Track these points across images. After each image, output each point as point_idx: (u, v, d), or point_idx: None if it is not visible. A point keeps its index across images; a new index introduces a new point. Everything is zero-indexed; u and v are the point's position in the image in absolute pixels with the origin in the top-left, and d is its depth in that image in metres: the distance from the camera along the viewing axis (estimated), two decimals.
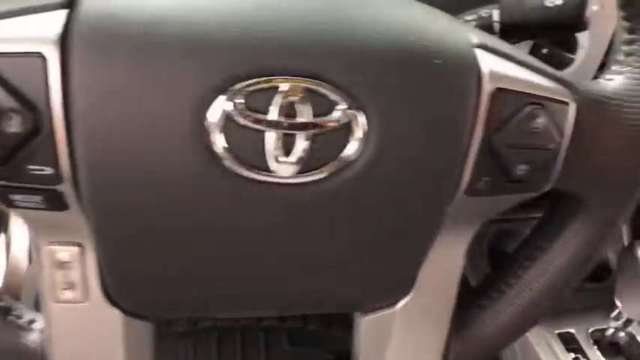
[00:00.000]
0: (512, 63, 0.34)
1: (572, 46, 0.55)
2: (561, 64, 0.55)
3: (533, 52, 0.55)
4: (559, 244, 0.40)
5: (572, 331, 0.72)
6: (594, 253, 0.41)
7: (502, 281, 0.42)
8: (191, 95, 0.29)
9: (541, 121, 0.34)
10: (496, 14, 0.43)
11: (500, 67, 0.33)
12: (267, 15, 0.29)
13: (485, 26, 0.44)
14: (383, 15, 0.32)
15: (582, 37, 0.54)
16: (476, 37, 0.34)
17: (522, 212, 0.45)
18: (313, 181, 0.31)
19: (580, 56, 0.54)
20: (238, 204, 0.31)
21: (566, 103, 0.35)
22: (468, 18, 0.44)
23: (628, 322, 0.69)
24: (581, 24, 0.42)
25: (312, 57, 0.29)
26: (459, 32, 0.33)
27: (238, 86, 0.29)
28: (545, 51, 0.55)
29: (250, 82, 0.29)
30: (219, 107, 0.29)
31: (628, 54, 0.36)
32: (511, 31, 0.43)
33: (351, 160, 0.31)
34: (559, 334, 0.72)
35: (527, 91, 0.33)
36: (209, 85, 0.29)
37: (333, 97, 0.30)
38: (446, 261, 0.39)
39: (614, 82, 0.36)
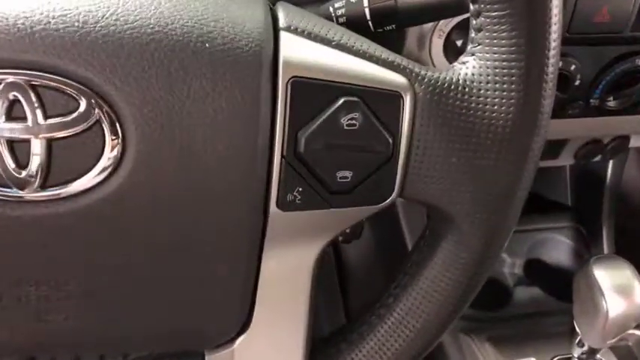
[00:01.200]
0: (329, 47, 0.28)
1: None
2: None
3: (446, 45, 0.48)
4: (432, 268, 0.34)
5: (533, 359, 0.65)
6: (474, 279, 0.34)
7: (372, 312, 0.36)
8: None
9: (358, 116, 0.27)
10: None
11: (304, 52, 0.27)
12: None
13: (355, 13, 0.38)
14: None
15: None
16: (285, 19, 0.28)
17: None
18: (63, 198, 0.26)
19: None
20: None
21: (399, 95, 0.28)
22: (337, 5, 0.38)
23: (594, 349, 0.61)
24: (460, 7, 0.36)
25: (38, 45, 0.24)
26: (257, 14, 0.28)
27: None
28: (459, 43, 0.48)
29: None
30: None
31: (477, 29, 0.29)
32: (385, 17, 0.37)
33: (110, 172, 0.26)
34: None
35: (338, 80, 0.27)
36: None
37: (72, 95, 0.24)
38: (286, 287, 0.33)
39: (465, 65, 0.29)
